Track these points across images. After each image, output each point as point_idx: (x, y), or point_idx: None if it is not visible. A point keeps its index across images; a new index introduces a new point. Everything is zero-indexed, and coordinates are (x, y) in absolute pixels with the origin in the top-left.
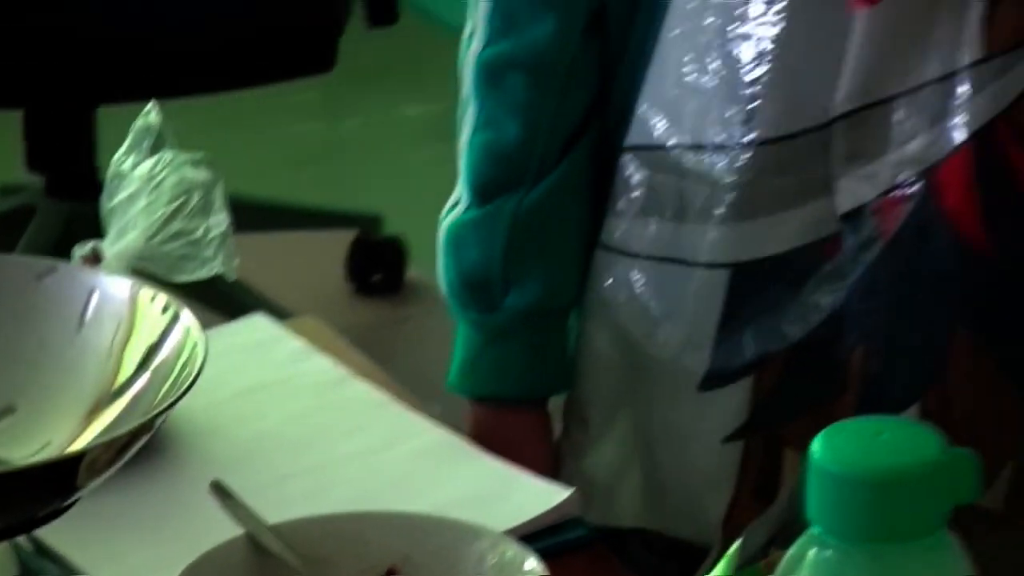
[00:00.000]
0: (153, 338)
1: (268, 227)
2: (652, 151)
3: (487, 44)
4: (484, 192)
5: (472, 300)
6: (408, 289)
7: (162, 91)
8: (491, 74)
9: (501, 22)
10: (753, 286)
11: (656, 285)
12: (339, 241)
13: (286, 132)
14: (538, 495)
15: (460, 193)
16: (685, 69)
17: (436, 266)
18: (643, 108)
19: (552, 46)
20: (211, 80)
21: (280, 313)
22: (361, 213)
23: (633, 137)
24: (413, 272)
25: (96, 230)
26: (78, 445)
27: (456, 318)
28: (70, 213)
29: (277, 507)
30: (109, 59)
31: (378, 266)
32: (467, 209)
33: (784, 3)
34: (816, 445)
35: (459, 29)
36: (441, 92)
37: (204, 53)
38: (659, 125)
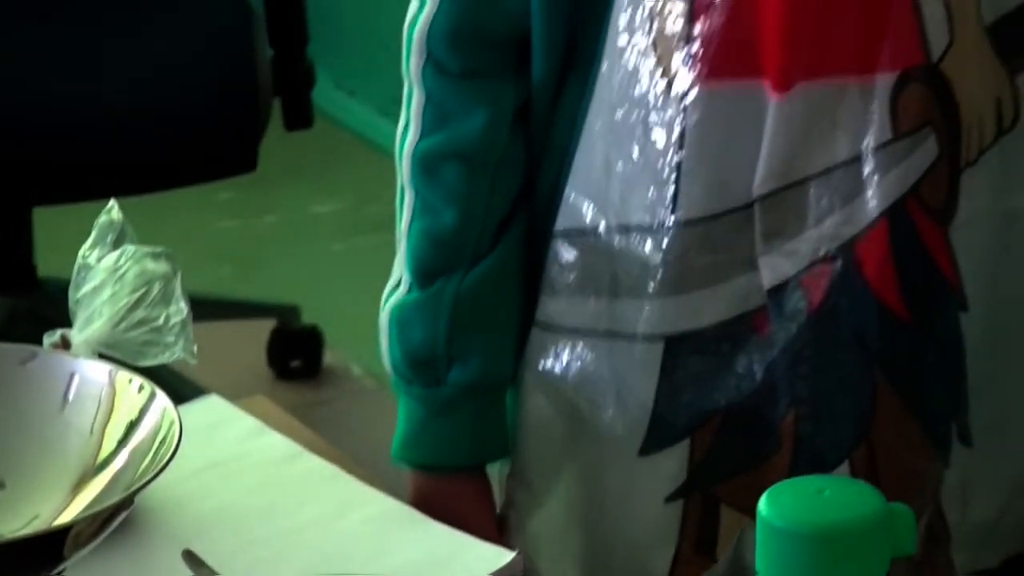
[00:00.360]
0: (132, 417)
1: (194, 318)
2: (582, 235)
3: (422, 137)
4: (425, 275)
5: (416, 376)
6: (325, 374)
7: (94, 193)
8: (427, 165)
9: (435, 116)
10: (687, 356)
11: (594, 357)
12: (260, 330)
13: (207, 230)
14: (485, 557)
15: (400, 275)
16: (610, 157)
17: (351, 353)
18: (571, 195)
19: (483, 138)
20: (143, 182)
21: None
22: (280, 304)
23: (563, 222)
24: (329, 358)
25: (34, 322)
26: (64, 518)
27: (398, 392)
28: (11, 307)
29: (242, 573)
30: (45, 165)
31: (297, 353)
32: (409, 291)
33: (698, 93)
34: (763, 503)
35: (364, 134)
36: (348, 192)
37: (135, 157)
38: (587, 210)
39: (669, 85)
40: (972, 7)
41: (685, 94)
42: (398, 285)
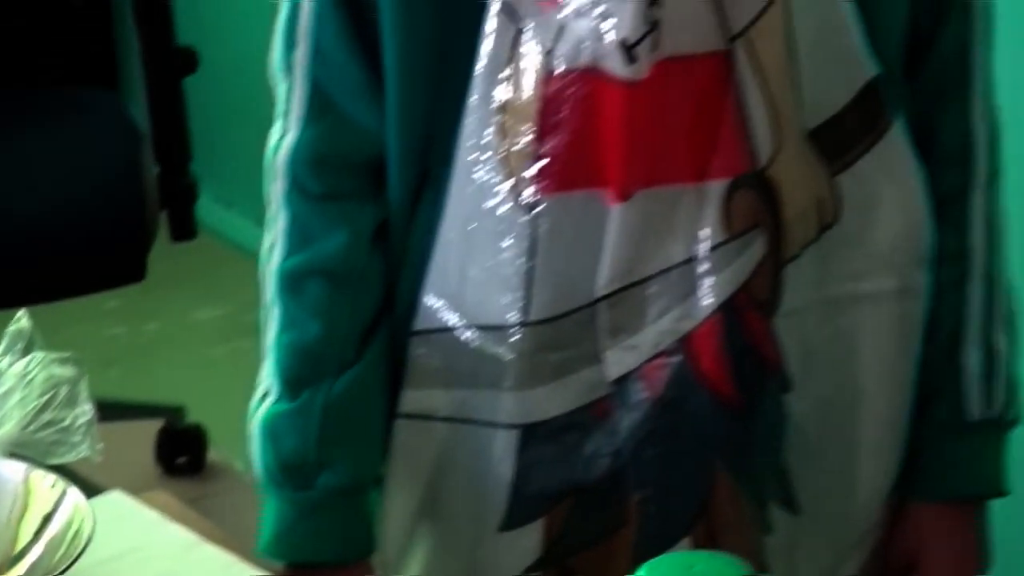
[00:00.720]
0: (46, 511)
1: None
2: (440, 333)
3: (287, 256)
4: (293, 385)
5: (287, 481)
6: (210, 470)
7: None
8: (292, 281)
9: (299, 236)
10: (541, 442)
11: (455, 443)
12: (147, 429)
13: (96, 336)
14: None
15: (268, 386)
16: (464, 264)
17: (233, 449)
18: (428, 298)
19: (344, 256)
20: (38, 294)
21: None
22: (166, 405)
23: (421, 323)
24: (213, 454)
25: None
26: None
27: (267, 493)
28: None
29: None
30: None
31: (183, 450)
32: (277, 401)
33: (545, 206)
34: None
35: (243, 244)
36: (228, 298)
37: (31, 271)
38: (444, 313)
39: (517, 198)
40: (795, 115)
41: (533, 206)
42: (266, 395)
